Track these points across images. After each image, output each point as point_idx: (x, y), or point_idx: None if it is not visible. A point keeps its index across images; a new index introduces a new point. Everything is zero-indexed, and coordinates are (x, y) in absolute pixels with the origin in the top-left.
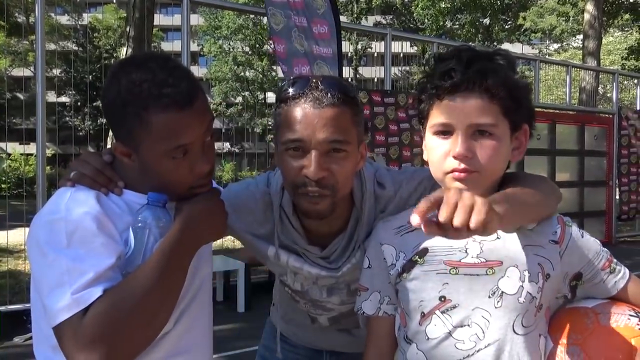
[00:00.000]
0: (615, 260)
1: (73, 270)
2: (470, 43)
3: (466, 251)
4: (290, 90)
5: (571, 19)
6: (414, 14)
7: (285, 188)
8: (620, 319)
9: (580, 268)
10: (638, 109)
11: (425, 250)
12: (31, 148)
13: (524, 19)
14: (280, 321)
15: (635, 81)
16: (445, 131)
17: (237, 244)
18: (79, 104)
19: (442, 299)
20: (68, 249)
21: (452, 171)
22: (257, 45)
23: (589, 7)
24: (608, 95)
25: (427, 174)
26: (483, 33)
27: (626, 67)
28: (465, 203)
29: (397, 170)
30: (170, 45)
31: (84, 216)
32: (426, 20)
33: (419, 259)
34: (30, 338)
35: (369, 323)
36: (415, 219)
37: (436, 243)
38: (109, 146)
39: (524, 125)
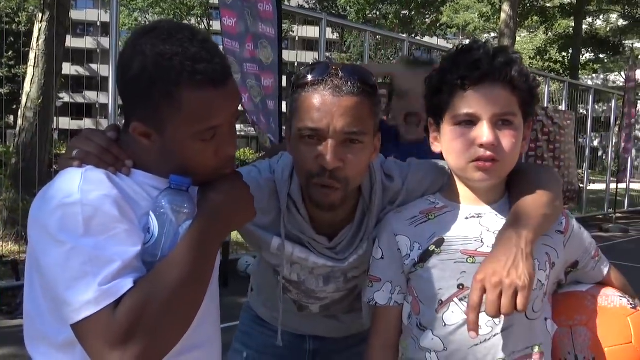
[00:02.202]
0: (598, 248)
1: (96, 259)
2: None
3: (482, 241)
4: (309, 76)
5: (487, 17)
6: (341, 1)
7: (297, 175)
8: (615, 300)
9: (577, 257)
10: (545, 105)
11: (441, 240)
12: None
13: (442, 13)
14: (261, 307)
15: (542, 79)
16: (469, 121)
17: None
18: None
19: (461, 287)
20: (87, 236)
21: (477, 159)
22: (176, 21)
23: (506, 7)
24: None
25: (429, 168)
26: (406, 25)
27: (533, 66)
28: (508, 291)
29: (400, 162)
30: (81, 14)
31: (104, 199)
32: (349, 8)
33: (435, 249)
34: None
35: (377, 313)
36: (473, 335)
37: (452, 233)
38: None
39: (529, 118)
